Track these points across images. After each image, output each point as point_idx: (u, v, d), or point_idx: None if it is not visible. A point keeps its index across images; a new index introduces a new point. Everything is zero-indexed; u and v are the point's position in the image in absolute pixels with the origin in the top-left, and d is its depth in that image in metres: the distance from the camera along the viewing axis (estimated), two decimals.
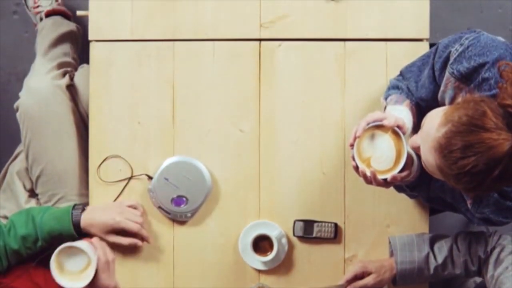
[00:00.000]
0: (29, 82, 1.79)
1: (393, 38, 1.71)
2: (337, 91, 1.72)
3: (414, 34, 1.71)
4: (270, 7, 1.72)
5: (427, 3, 1.71)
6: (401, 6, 1.70)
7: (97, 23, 1.74)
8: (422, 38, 1.71)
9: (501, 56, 1.40)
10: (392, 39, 1.71)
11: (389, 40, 1.71)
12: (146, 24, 1.73)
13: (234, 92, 1.73)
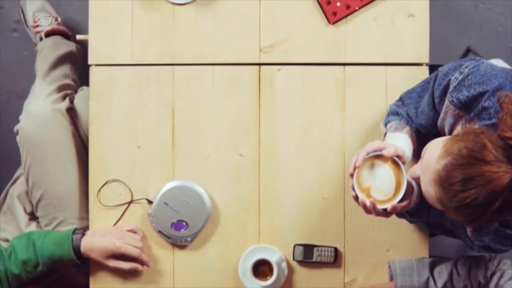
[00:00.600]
0: (29, 106, 1.79)
1: (393, 62, 1.71)
2: (336, 115, 1.72)
3: (414, 58, 1.71)
4: (270, 31, 1.72)
5: (427, 28, 1.71)
6: (401, 30, 1.71)
7: (97, 47, 1.74)
8: (422, 62, 1.71)
9: (501, 85, 1.40)
10: (392, 64, 1.71)
11: (389, 64, 1.71)
12: (146, 49, 1.73)
13: (234, 116, 1.73)
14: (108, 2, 1.73)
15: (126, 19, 1.73)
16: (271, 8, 1.72)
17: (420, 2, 1.70)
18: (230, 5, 1.72)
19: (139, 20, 1.73)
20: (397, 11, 1.71)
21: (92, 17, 1.74)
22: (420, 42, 1.71)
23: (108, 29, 1.73)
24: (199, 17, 1.73)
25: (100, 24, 1.73)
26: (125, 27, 1.73)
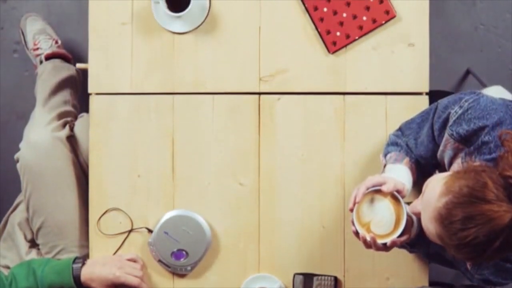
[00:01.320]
0: (29, 134, 1.79)
1: (393, 91, 1.71)
2: (336, 144, 1.72)
3: (414, 87, 1.71)
4: (270, 60, 1.72)
5: (427, 57, 1.71)
6: (401, 59, 1.71)
7: (97, 75, 1.74)
8: (422, 91, 1.71)
9: (501, 119, 1.40)
10: (391, 93, 1.71)
11: (389, 93, 1.71)
12: (146, 77, 1.73)
13: (234, 145, 1.73)
14: (108, 30, 1.73)
15: (126, 47, 1.73)
16: (271, 37, 1.72)
17: (420, 32, 1.71)
18: (230, 34, 1.73)
19: (139, 48, 1.73)
20: (397, 40, 1.71)
21: (92, 46, 1.74)
22: (420, 71, 1.71)
23: (108, 58, 1.73)
24: (199, 46, 1.73)
25: (100, 53, 1.74)
26: (125, 55, 1.73)
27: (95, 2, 1.73)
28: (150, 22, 1.72)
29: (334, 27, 1.70)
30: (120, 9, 1.73)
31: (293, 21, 1.72)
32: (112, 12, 1.73)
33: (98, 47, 1.74)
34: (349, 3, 1.69)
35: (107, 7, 1.73)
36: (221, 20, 1.73)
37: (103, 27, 1.73)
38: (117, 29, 1.73)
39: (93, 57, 1.74)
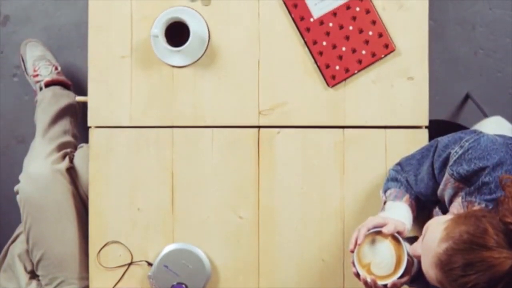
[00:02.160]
0: (29, 167, 1.79)
1: (392, 125, 1.71)
2: (336, 178, 1.72)
3: (413, 121, 1.71)
4: (269, 94, 1.72)
5: (426, 90, 1.71)
6: (400, 93, 1.71)
7: (96, 108, 1.74)
8: (422, 125, 1.71)
9: (501, 160, 1.40)
10: (391, 126, 1.71)
11: (388, 127, 1.71)
12: (145, 111, 1.73)
13: (234, 179, 1.73)
14: (107, 63, 1.73)
15: (125, 81, 1.73)
16: (270, 71, 1.72)
17: (419, 65, 1.71)
18: (230, 68, 1.73)
19: (139, 82, 1.73)
20: (396, 74, 1.71)
21: (92, 78, 1.74)
22: (419, 104, 1.71)
23: (107, 91, 1.73)
24: (198, 80, 1.73)
25: (99, 86, 1.73)
26: (125, 88, 1.73)
27: (94, 35, 1.73)
28: (149, 56, 1.73)
29: (333, 61, 1.70)
30: (120, 43, 1.73)
31: (292, 55, 1.72)
32: (111, 45, 1.73)
33: (97, 80, 1.74)
34: (348, 36, 1.69)
35: (107, 40, 1.73)
36: (221, 53, 1.73)
37: (102, 60, 1.73)
38: (116, 62, 1.73)
39: (92, 90, 1.74)
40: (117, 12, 1.73)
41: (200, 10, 1.72)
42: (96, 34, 1.73)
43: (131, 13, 1.73)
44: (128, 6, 1.73)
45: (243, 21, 1.72)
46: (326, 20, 1.69)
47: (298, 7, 1.70)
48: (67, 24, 2.35)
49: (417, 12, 1.71)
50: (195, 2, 1.72)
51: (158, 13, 1.72)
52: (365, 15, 1.69)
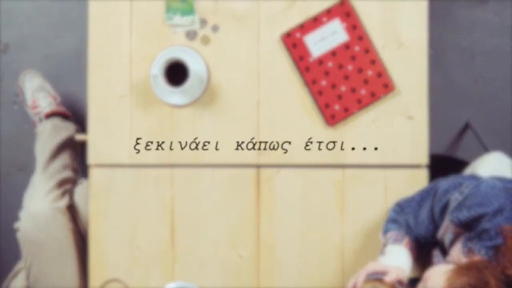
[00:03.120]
0: (29, 205, 1.80)
1: (392, 164, 1.71)
2: (336, 217, 1.72)
3: (413, 160, 1.71)
4: (269, 133, 1.73)
5: (426, 129, 1.71)
6: (400, 132, 1.71)
7: (96, 147, 1.74)
8: (421, 164, 1.71)
9: (502, 207, 1.40)
10: (390, 166, 1.71)
11: (388, 166, 1.71)
12: (145, 150, 1.73)
13: (233, 217, 1.73)
14: (107, 102, 1.73)
15: (125, 120, 1.73)
16: (270, 110, 1.72)
17: (419, 104, 1.71)
18: (229, 106, 1.73)
19: (138, 121, 1.73)
20: (396, 113, 1.71)
21: (92, 117, 1.74)
22: (419, 143, 1.71)
23: (107, 129, 1.74)
24: (198, 119, 1.73)
25: (99, 124, 1.74)
26: (124, 127, 1.74)
27: (94, 74, 1.73)
28: (149, 95, 1.73)
29: (332, 100, 1.70)
30: (119, 81, 1.73)
31: (292, 94, 1.72)
32: (111, 84, 1.73)
33: (97, 119, 1.74)
34: (347, 76, 1.69)
35: (107, 79, 1.73)
36: (220, 92, 1.73)
37: (102, 99, 1.74)
38: (116, 101, 1.73)
39: (92, 129, 1.74)
40: (116, 51, 1.73)
41: (199, 49, 1.73)
42: (96, 72, 1.73)
43: (130, 52, 1.73)
44: (128, 45, 1.73)
45: (243, 60, 1.72)
46: (326, 60, 1.69)
47: (297, 46, 1.70)
48: (67, 52, 2.35)
49: (416, 51, 1.71)
50: (194, 41, 1.72)
51: (158, 52, 1.72)
52: (364, 55, 1.69)
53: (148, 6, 1.73)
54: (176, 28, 1.73)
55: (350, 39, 1.69)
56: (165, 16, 1.72)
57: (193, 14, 1.72)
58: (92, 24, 1.74)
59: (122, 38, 1.73)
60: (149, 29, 1.73)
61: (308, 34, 1.69)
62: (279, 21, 1.72)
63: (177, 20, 1.72)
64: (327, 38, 1.69)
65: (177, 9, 1.72)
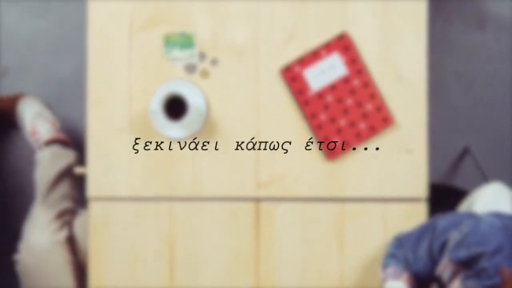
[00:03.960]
0: (29, 237, 1.80)
1: (391, 197, 1.71)
2: (335, 251, 1.72)
3: (412, 193, 1.71)
4: (268, 166, 1.73)
5: (424, 163, 1.71)
6: (399, 165, 1.71)
7: (96, 180, 1.74)
8: (421, 197, 1.71)
9: (500, 246, 1.41)
10: (390, 199, 1.71)
11: (387, 200, 1.71)
12: (144, 183, 1.73)
13: (233, 251, 1.73)
14: (106, 136, 1.73)
15: (124, 153, 1.73)
16: (269, 143, 1.72)
17: (418, 137, 1.71)
18: (228, 139, 1.73)
19: (137, 154, 1.73)
20: (395, 146, 1.71)
21: (91, 151, 1.74)
22: (417, 177, 1.71)
23: (106, 163, 1.74)
24: (197, 152, 1.73)
25: (98, 158, 1.74)
26: (123, 161, 1.74)
27: (93, 108, 1.73)
28: (148, 128, 1.73)
29: (332, 134, 1.70)
30: (118, 116, 1.73)
31: (291, 128, 1.72)
32: (110, 118, 1.73)
33: (96, 153, 1.74)
34: (346, 110, 1.70)
35: (106, 113, 1.73)
36: (220, 125, 1.73)
37: (101, 132, 1.74)
38: (115, 135, 1.73)
39: (91, 162, 1.74)
40: (116, 85, 1.73)
41: (198, 82, 1.73)
42: (95, 107, 1.73)
43: (129, 86, 1.73)
44: (127, 79, 1.73)
45: (242, 93, 1.73)
46: (325, 94, 1.70)
47: (296, 80, 1.70)
48: (67, 76, 2.35)
49: (415, 85, 1.71)
50: (193, 75, 1.72)
51: (157, 86, 1.72)
52: (363, 89, 1.69)
53: (147, 39, 1.73)
54: (175, 61, 1.73)
55: (349, 73, 1.69)
56: (164, 50, 1.72)
57: (192, 47, 1.72)
58: (91, 58, 1.74)
59: (121, 72, 1.74)
60: (148, 62, 1.73)
61: (307, 68, 1.70)
62: (279, 54, 1.72)
63: (176, 54, 1.72)
64: (326, 72, 1.70)
65: (176, 42, 1.72)
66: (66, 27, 2.37)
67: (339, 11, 1.71)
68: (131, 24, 1.74)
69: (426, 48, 1.71)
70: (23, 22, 2.40)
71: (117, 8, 1.74)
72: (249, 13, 1.73)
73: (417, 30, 1.71)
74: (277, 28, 1.73)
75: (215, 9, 1.73)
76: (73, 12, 2.33)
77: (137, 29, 1.74)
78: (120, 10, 1.74)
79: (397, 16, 1.71)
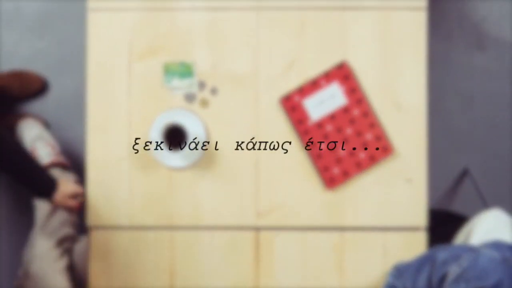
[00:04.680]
0: (29, 266, 1.80)
1: (391, 226, 1.72)
2: (335, 280, 1.72)
3: (411, 222, 1.72)
4: (268, 196, 1.73)
5: (424, 192, 1.71)
6: (398, 195, 1.71)
7: (96, 209, 1.74)
8: (420, 226, 1.72)
9: (500, 280, 1.41)
10: (389, 228, 1.72)
11: (387, 229, 1.72)
12: (144, 212, 1.74)
13: (233, 280, 1.73)
14: (106, 165, 1.73)
15: (123, 182, 1.74)
16: (269, 173, 1.72)
17: (417, 166, 1.71)
18: (228, 170, 1.73)
19: (137, 183, 1.73)
20: (395, 176, 1.71)
21: (91, 180, 1.74)
22: (417, 206, 1.71)
23: (106, 192, 1.74)
24: (197, 181, 1.73)
25: (98, 187, 1.74)
26: (123, 190, 1.74)
27: (93, 137, 1.73)
28: (147, 157, 1.73)
29: (331, 164, 1.70)
30: (118, 144, 1.73)
31: (291, 157, 1.72)
32: (109, 147, 1.73)
33: (96, 181, 1.74)
34: (346, 139, 1.70)
35: (106, 142, 1.73)
36: (219, 154, 1.73)
37: (101, 161, 1.74)
38: (115, 163, 1.74)
39: (91, 191, 1.74)
40: (115, 114, 1.73)
41: (198, 111, 1.73)
42: (95, 135, 1.73)
43: (129, 115, 1.73)
44: (126, 108, 1.73)
45: (242, 122, 1.72)
46: (324, 123, 1.70)
47: (296, 110, 1.70)
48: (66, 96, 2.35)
49: (415, 114, 1.71)
50: (193, 104, 1.72)
51: (156, 115, 1.72)
52: (363, 118, 1.69)
53: (147, 68, 1.73)
54: (175, 90, 1.73)
55: (349, 103, 1.69)
56: (164, 79, 1.72)
57: (191, 76, 1.72)
58: (90, 85, 1.74)
59: (121, 100, 1.74)
60: (147, 91, 1.73)
61: (307, 98, 1.70)
62: (278, 83, 1.72)
63: (176, 83, 1.72)
64: (326, 102, 1.70)
65: (176, 72, 1.72)
66: (65, 47, 2.36)
67: (339, 40, 1.71)
68: (130, 52, 1.74)
69: (426, 77, 1.71)
70: (22, 43, 2.40)
71: (117, 36, 1.74)
72: (249, 42, 1.72)
73: (417, 59, 1.71)
74: (276, 57, 1.72)
75: (215, 38, 1.73)
76: (72, 33, 2.33)
77: (136, 58, 1.73)
78: (119, 37, 1.74)
79: (397, 45, 1.71)
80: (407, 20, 1.71)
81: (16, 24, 2.39)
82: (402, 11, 1.71)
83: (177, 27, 1.73)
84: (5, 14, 2.41)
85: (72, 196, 1.72)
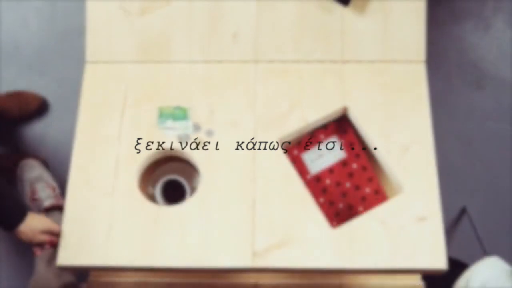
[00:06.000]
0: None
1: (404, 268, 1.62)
2: None
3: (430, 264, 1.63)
4: (265, 234, 1.63)
5: (441, 232, 1.64)
6: (412, 235, 1.61)
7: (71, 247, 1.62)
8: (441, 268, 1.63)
9: None
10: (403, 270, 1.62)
11: (399, 271, 1.62)
12: (126, 251, 1.62)
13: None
14: (86, 203, 1.66)
15: (103, 220, 1.64)
16: (267, 209, 1.64)
17: (430, 203, 1.63)
18: (222, 208, 1.65)
19: (122, 222, 1.64)
20: (406, 214, 1.61)
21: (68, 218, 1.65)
22: (435, 247, 1.62)
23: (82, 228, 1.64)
24: (187, 220, 1.63)
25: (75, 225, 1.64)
26: (102, 228, 1.63)
27: (75, 173, 1.68)
28: (133, 194, 1.65)
29: (330, 217, 1.70)
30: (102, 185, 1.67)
31: (289, 197, 1.64)
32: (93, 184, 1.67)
33: (73, 219, 1.65)
34: (345, 193, 1.70)
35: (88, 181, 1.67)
36: (212, 192, 1.66)
37: (82, 198, 1.66)
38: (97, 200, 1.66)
39: (67, 229, 1.64)
40: (103, 157, 1.69)
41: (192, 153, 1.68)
42: (78, 172, 1.68)
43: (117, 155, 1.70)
44: (116, 150, 1.70)
45: (238, 164, 1.67)
46: (323, 177, 1.70)
47: (295, 163, 1.70)
48: (64, 134, 2.35)
49: (423, 153, 1.65)
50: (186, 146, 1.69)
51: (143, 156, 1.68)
52: (361, 172, 1.69)
53: (141, 113, 1.71)
54: (168, 131, 1.70)
55: (348, 157, 1.70)
56: (158, 121, 1.70)
57: (186, 119, 1.69)
58: (79, 133, 1.71)
59: (111, 144, 1.70)
60: (138, 132, 1.70)
61: (305, 152, 1.70)
62: (276, 128, 1.68)
63: (170, 124, 1.70)
64: (324, 155, 1.70)
65: (170, 115, 1.70)
66: (65, 85, 2.37)
67: (339, 87, 1.69)
68: (124, 101, 1.72)
69: (430, 117, 1.67)
70: (21, 78, 2.41)
71: (112, 86, 1.73)
72: (246, 91, 1.71)
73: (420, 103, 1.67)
74: (275, 104, 1.70)
75: (211, 87, 1.72)
76: (72, 72, 2.33)
77: (132, 103, 1.72)
78: (115, 87, 1.73)
79: (398, 89, 1.69)
80: (407, 72, 1.70)
81: (15, 60, 2.40)
82: (401, 64, 1.71)
83: (173, 77, 1.73)
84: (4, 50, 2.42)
85: (44, 232, 1.66)
